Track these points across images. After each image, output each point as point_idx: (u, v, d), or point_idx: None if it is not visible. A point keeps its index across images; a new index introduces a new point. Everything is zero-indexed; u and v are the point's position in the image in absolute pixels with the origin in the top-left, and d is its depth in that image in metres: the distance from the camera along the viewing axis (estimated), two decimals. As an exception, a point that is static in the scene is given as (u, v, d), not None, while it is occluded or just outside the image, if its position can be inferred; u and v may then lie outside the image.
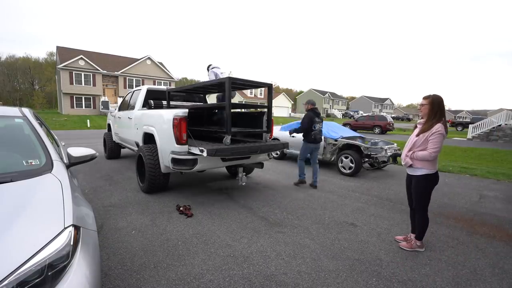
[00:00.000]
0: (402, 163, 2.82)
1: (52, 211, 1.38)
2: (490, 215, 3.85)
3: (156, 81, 32.98)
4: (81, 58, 28.06)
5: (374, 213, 3.73)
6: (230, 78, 3.63)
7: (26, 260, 1.10)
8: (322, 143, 6.51)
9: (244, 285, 2.10)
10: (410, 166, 2.70)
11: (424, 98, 2.63)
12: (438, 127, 2.49)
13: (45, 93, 53.96)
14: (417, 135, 2.64)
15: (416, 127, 2.76)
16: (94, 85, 29.33)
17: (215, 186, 4.83)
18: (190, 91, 5.83)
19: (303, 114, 5.16)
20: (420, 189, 2.67)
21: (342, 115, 53.11)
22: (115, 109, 7.00)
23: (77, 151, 2.15)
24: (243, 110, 5.64)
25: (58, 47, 30.91)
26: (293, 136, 7.17)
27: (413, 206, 2.82)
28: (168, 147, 3.77)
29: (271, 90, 4.24)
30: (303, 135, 4.94)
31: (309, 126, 4.78)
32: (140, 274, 2.19)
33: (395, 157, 6.28)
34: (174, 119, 3.63)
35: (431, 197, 2.70)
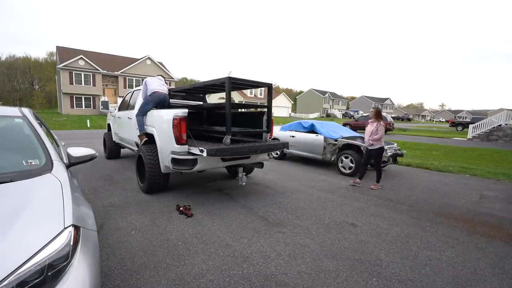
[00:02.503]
0: (366, 144, 5.11)
1: (52, 211, 1.38)
2: (490, 215, 3.85)
3: (156, 81, 32.89)
4: (81, 58, 28.05)
5: (374, 213, 3.73)
6: (230, 78, 3.62)
7: (26, 260, 1.10)
8: (323, 143, 6.52)
9: (244, 285, 2.10)
10: (372, 145, 4.92)
11: (372, 108, 5.13)
12: (381, 122, 4.89)
13: (45, 93, 53.97)
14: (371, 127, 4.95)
15: (368, 124, 5.01)
16: (94, 85, 29.32)
17: (215, 186, 4.83)
18: (190, 91, 5.83)
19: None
20: (378, 157, 4.97)
21: (342, 115, 53.07)
22: (115, 109, 7.00)
23: (77, 151, 2.15)
24: (243, 110, 5.63)
25: (58, 47, 30.90)
26: (293, 136, 7.23)
27: (374, 165, 5.18)
28: (168, 147, 3.77)
29: (271, 90, 4.24)
30: None
31: None
32: (140, 274, 2.19)
33: (395, 157, 6.28)
34: (174, 119, 3.63)
35: (431, 197, 2.76)
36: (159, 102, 4.62)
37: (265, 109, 4.41)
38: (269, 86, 4.15)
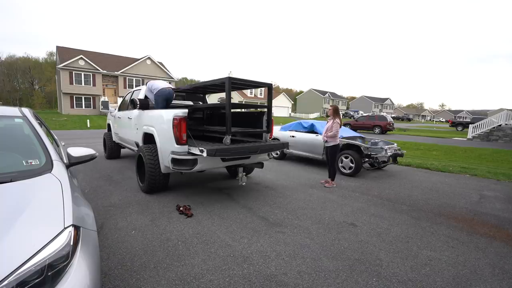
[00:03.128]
0: (323, 140, 5.18)
1: (52, 211, 1.38)
2: (490, 215, 3.85)
3: (156, 81, 32.92)
4: (81, 58, 28.06)
5: (374, 213, 3.73)
6: (230, 78, 3.62)
7: (26, 260, 1.10)
8: (322, 143, 6.50)
9: (244, 285, 2.10)
10: (326, 141, 5.00)
11: (331, 105, 5.15)
12: (337, 120, 4.89)
13: (45, 93, 53.98)
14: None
15: (328, 121, 5.03)
16: (94, 85, 29.33)
17: (215, 186, 4.82)
18: (190, 92, 5.83)
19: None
20: (333, 154, 4.98)
21: (342, 115, 53.00)
22: (115, 109, 7.00)
23: (77, 151, 2.15)
24: (243, 110, 5.64)
25: (58, 47, 30.91)
26: (293, 136, 7.22)
27: (328, 162, 5.08)
28: (168, 147, 3.76)
29: (271, 90, 4.23)
30: None
31: None
32: (140, 274, 2.19)
33: (395, 157, 6.28)
34: (174, 119, 3.63)
35: (431, 197, 2.76)
36: (166, 96, 4.77)
37: (265, 109, 4.41)
38: (269, 86, 4.15)
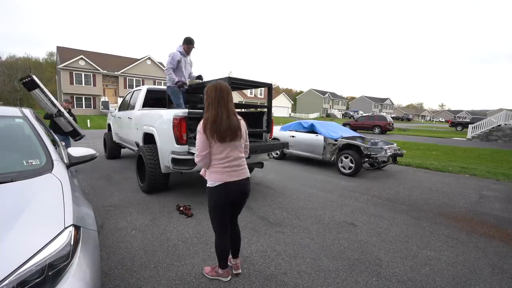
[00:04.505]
0: None
1: (52, 211, 1.38)
2: (489, 215, 3.85)
3: (156, 81, 32.98)
4: (81, 58, 28.07)
5: (374, 213, 3.73)
6: (230, 78, 3.63)
7: (27, 260, 1.10)
8: (322, 143, 6.51)
9: (244, 285, 2.10)
10: None
11: None
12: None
13: (45, 93, 53.88)
14: None
15: None
16: (94, 85, 29.34)
17: (215, 186, 4.82)
18: (190, 92, 5.83)
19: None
20: None
21: (342, 115, 53.10)
22: (115, 109, 7.01)
23: (77, 151, 2.15)
24: (243, 110, 5.64)
25: (58, 47, 30.92)
26: (293, 136, 7.23)
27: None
28: (168, 147, 3.77)
29: (271, 90, 4.24)
30: None
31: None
32: (140, 274, 2.19)
33: (395, 157, 6.28)
34: (174, 119, 3.63)
35: (430, 197, 2.74)
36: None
37: (265, 109, 4.42)
38: (269, 86, 4.15)
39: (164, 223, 3.16)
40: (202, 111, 5.38)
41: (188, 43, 4.58)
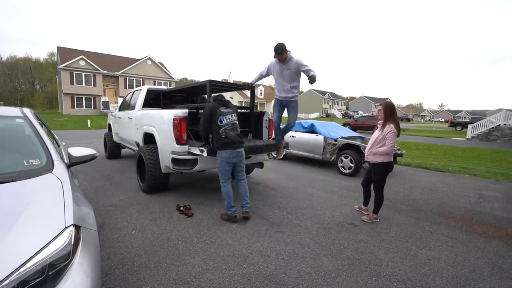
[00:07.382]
0: (366, 159, 3.55)
1: (52, 211, 1.38)
2: (489, 214, 3.86)
3: (156, 81, 32.99)
4: (82, 59, 28.07)
5: (374, 213, 3.73)
6: (210, 81, 3.79)
7: (27, 260, 1.10)
8: (322, 143, 6.51)
9: (244, 285, 2.11)
10: (368, 158, 3.48)
11: (381, 104, 3.51)
12: (392, 125, 3.31)
13: (45, 93, 53.98)
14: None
15: (377, 127, 3.53)
16: (94, 85, 29.34)
17: (215, 186, 4.83)
18: (177, 94, 5.96)
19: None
20: (381, 175, 3.37)
21: (342, 115, 53.08)
22: (116, 109, 7.01)
23: (78, 151, 2.16)
24: (242, 110, 5.66)
25: (58, 48, 30.91)
26: (292, 136, 7.23)
27: (373, 187, 3.48)
28: (168, 147, 3.77)
29: (253, 92, 4.50)
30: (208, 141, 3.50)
31: (206, 125, 3.24)
32: (140, 274, 2.20)
33: (394, 157, 6.27)
34: (174, 119, 3.64)
35: (430, 197, 2.75)
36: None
37: (257, 110, 4.62)
38: (251, 89, 4.33)
39: (164, 223, 3.17)
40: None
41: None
